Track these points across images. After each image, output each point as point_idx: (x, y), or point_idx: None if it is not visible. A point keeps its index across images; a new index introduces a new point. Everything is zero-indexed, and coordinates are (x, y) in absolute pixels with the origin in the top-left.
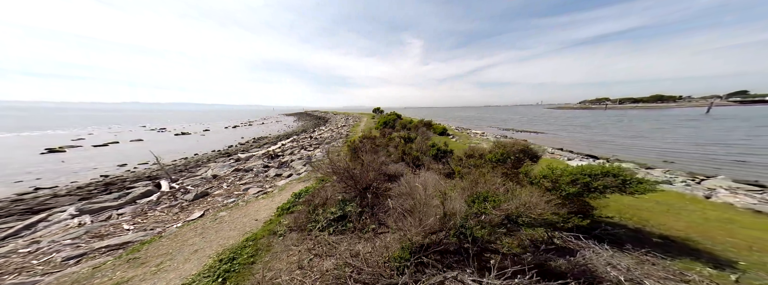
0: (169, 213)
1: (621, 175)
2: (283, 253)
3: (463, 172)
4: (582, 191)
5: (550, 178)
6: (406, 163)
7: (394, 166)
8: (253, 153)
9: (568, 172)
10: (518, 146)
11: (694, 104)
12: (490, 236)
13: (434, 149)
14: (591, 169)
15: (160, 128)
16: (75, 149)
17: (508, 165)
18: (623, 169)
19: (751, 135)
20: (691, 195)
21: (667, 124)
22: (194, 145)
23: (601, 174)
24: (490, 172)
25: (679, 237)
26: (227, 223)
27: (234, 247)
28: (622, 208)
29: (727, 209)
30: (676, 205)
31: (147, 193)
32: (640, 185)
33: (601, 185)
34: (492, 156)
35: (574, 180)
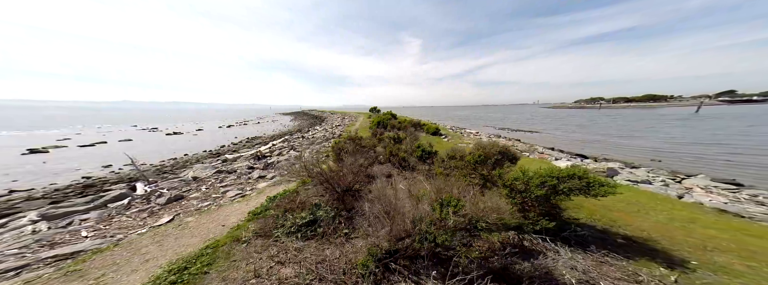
0: (137, 218)
1: (585, 178)
2: (242, 261)
3: (444, 173)
4: (549, 194)
5: (521, 181)
6: (394, 164)
7: (380, 168)
8: (243, 153)
9: (538, 174)
10: (497, 148)
11: (685, 104)
12: (451, 242)
13: (419, 150)
14: (559, 171)
15: (151, 128)
16: (59, 150)
17: (489, 167)
18: (588, 171)
19: (737, 134)
20: (665, 195)
21: (659, 123)
22: (185, 145)
23: (568, 176)
24: (467, 175)
25: (642, 237)
26: (191, 230)
27: (189, 255)
28: (594, 209)
29: (694, 209)
30: (646, 205)
31: (120, 196)
32: (602, 188)
33: (566, 188)
34: (471, 158)
35: (543, 183)
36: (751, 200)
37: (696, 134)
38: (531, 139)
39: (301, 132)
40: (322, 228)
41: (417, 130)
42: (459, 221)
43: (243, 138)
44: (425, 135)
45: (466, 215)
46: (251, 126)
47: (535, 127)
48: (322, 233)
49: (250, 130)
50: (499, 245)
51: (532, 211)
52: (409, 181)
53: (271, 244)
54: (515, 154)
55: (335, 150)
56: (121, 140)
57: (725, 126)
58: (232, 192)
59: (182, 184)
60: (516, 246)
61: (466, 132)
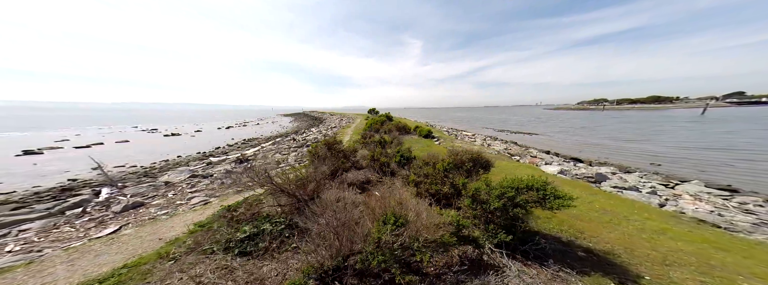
0: (81, 228)
1: (542, 190)
2: (159, 282)
3: (417, 181)
4: (507, 206)
5: (484, 191)
6: (374, 169)
7: (355, 174)
8: (230, 156)
9: (499, 185)
10: (468, 155)
11: (691, 105)
12: (390, 263)
13: (398, 156)
14: (519, 182)
15: (151, 129)
16: (54, 151)
17: (463, 174)
18: (547, 183)
19: (741, 137)
20: (646, 203)
21: (664, 126)
22: (181, 146)
23: (526, 188)
24: (438, 183)
25: (603, 250)
26: (122, 244)
27: (96, 278)
28: (565, 219)
29: (669, 219)
30: (621, 215)
31: (80, 202)
32: (557, 200)
33: (522, 200)
34: (441, 165)
35: (502, 194)
36: (739, 208)
37: (699, 137)
38: (529, 141)
39: (296, 134)
40: (265, 242)
41: (404, 133)
42: (391, 241)
43: (239, 139)
44: (418, 138)
45: (402, 234)
46: (250, 127)
47: (536, 130)
48: (266, 248)
49: (249, 131)
50: (457, 260)
51: (492, 224)
52: (387, 188)
53: (202, 261)
54: (488, 160)
55: (311, 155)
56: (118, 142)
57: (729, 129)
58: (198, 198)
59: (150, 190)
60: (474, 261)
61: (462, 134)
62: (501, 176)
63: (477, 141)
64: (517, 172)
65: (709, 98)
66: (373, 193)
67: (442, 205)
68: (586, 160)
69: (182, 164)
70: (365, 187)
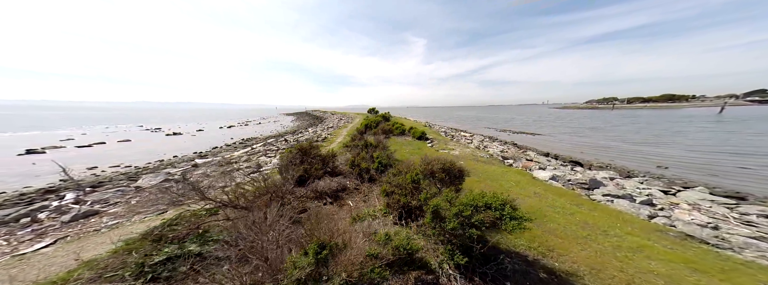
0: (14, 241)
1: (500, 210)
2: None
3: (388, 192)
4: (463, 225)
5: (443, 208)
6: (355, 175)
7: (329, 181)
8: (217, 158)
9: (459, 202)
10: (439, 164)
11: (708, 104)
12: None
13: (377, 162)
14: (479, 199)
15: (155, 128)
16: (57, 150)
17: (437, 184)
18: (506, 202)
19: (760, 138)
20: (633, 214)
21: (676, 126)
22: (181, 145)
23: (484, 206)
24: (407, 195)
25: (567, 271)
26: (27, 264)
27: None
28: (538, 235)
29: (652, 234)
30: (601, 229)
31: (41, 208)
32: (511, 222)
33: (478, 220)
34: (409, 176)
35: (459, 212)
36: (740, 219)
37: (712, 138)
38: (531, 142)
39: (292, 134)
40: (186, 266)
41: (398, 134)
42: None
43: (238, 139)
44: (411, 139)
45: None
46: (252, 126)
47: (541, 130)
48: (186, 273)
49: (249, 131)
50: (412, 283)
51: (450, 244)
52: (362, 197)
53: None
54: (462, 169)
55: (282, 161)
56: (120, 141)
57: (747, 129)
58: (161, 206)
59: (117, 195)
60: (430, 284)
61: (460, 135)
62: (484, 184)
63: (473, 142)
64: (503, 179)
65: (728, 96)
66: (346, 202)
67: (412, 218)
68: (586, 164)
69: (178, 163)
70: (339, 195)
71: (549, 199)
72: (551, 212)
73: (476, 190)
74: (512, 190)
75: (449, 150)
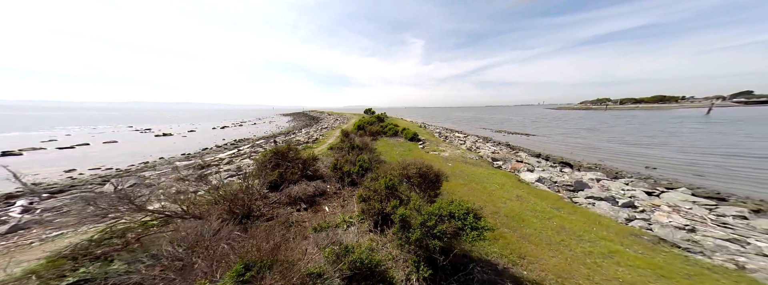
0: None
1: (461, 220)
2: None
3: (366, 196)
4: (424, 237)
5: (410, 217)
6: (337, 179)
7: (304, 186)
8: (205, 158)
9: (426, 211)
10: (415, 168)
11: (697, 105)
12: None
13: (357, 166)
14: (445, 208)
15: (145, 128)
16: (36, 152)
17: (414, 189)
18: (470, 211)
19: (744, 139)
20: (612, 217)
21: (666, 126)
22: (168, 147)
23: (448, 215)
24: (382, 201)
25: (534, 280)
26: None
27: None
28: (512, 241)
29: (627, 237)
30: (576, 234)
31: None
32: (473, 232)
33: (440, 231)
34: (383, 181)
35: (423, 222)
36: (716, 222)
37: (700, 139)
38: (525, 143)
39: (285, 135)
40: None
41: (374, 139)
42: None
43: (230, 140)
44: (403, 141)
45: None
46: (246, 127)
47: (537, 131)
48: None
49: (243, 131)
50: None
51: (416, 255)
52: (342, 202)
53: None
54: (439, 174)
55: (257, 166)
56: (105, 142)
57: (732, 130)
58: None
59: (75, 202)
60: None
61: (454, 136)
62: (469, 187)
63: (466, 143)
64: (488, 182)
65: (716, 98)
66: (323, 207)
67: (389, 225)
68: (576, 165)
69: (160, 165)
70: (316, 200)
71: (530, 203)
72: (530, 216)
73: (460, 192)
74: (496, 193)
75: (440, 151)
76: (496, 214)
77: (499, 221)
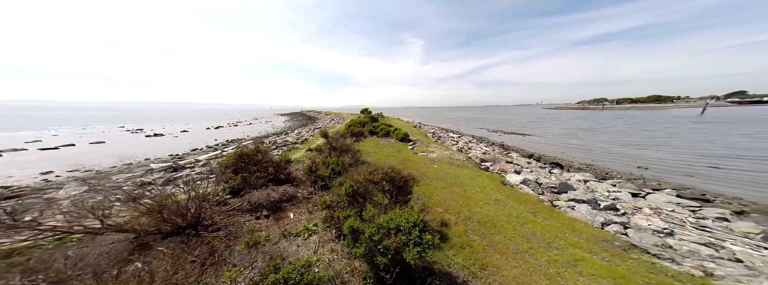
0: None
1: (406, 234)
2: None
3: (330, 203)
4: (369, 252)
5: (357, 229)
6: (311, 182)
7: (268, 191)
8: (177, 162)
9: (376, 223)
10: (381, 173)
11: (692, 105)
12: None
13: (329, 169)
14: (395, 221)
15: (136, 129)
16: (16, 153)
17: (386, 195)
18: (420, 223)
19: (738, 139)
20: (588, 222)
21: (664, 127)
22: (157, 148)
23: (395, 229)
24: (346, 209)
25: None
26: None
27: None
28: (479, 249)
29: (598, 244)
30: (546, 241)
31: None
32: (414, 248)
33: (384, 247)
34: (346, 188)
35: (370, 236)
36: (695, 225)
37: (694, 139)
38: (520, 143)
39: (277, 135)
40: None
41: (357, 140)
42: None
43: (223, 140)
44: (393, 141)
45: None
46: (241, 127)
47: (534, 131)
48: None
49: (237, 131)
50: None
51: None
52: (311, 208)
53: None
54: (406, 179)
55: (219, 170)
56: (92, 142)
57: (726, 131)
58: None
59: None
60: None
61: (448, 136)
62: (449, 190)
63: (459, 144)
64: (470, 184)
65: (710, 97)
66: (287, 214)
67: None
68: (567, 165)
69: (144, 166)
70: (281, 206)
71: (507, 207)
72: (504, 222)
73: (438, 196)
74: (474, 197)
75: (428, 153)
76: (469, 219)
77: (471, 228)
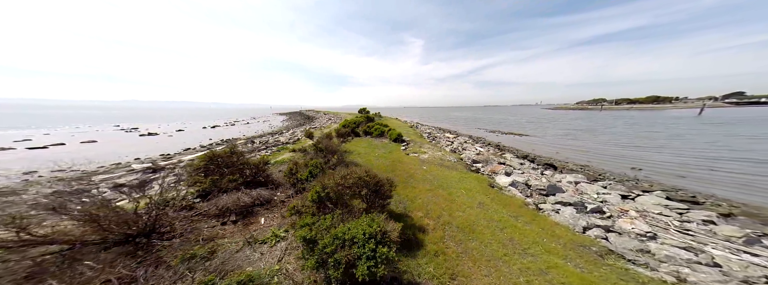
0: None
1: (360, 247)
2: None
3: (300, 209)
4: (320, 265)
5: (311, 239)
6: (290, 185)
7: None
8: (156, 163)
9: (333, 232)
10: (352, 178)
11: (690, 105)
12: None
13: (306, 171)
14: (353, 229)
15: (131, 128)
16: (4, 152)
17: (364, 200)
18: (376, 233)
19: (735, 140)
20: (569, 226)
21: (662, 128)
22: (150, 147)
23: (350, 240)
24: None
25: None
26: None
27: None
28: (452, 257)
29: (574, 249)
30: (522, 247)
31: None
32: (367, 263)
33: (334, 260)
34: (312, 194)
35: (323, 247)
36: (680, 228)
37: (689, 140)
38: (516, 143)
39: (271, 135)
40: None
41: (343, 141)
42: None
43: (217, 140)
44: (387, 142)
45: None
46: (238, 126)
47: (532, 131)
48: None
49: (233, 131)
50: None
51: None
52: (284, 213)
53: None
54: (380, 183)
55: (188, 174)
56: (83, 142)
57: (723, 131)
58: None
59: None
60: None
61: (444, 136)
62: (434, 193)
63: (453, 144)
64: (456, 187)
65: (708, 98)
66: (258, 219)
67: None
68: (560, 166)
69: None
70: (253, 211)
71: (490, 211)
72: (483, 227)
73: (421, 199)
74: (458, 200)
75: (420, 153)
76: (448, 225)
77: (449, 233)
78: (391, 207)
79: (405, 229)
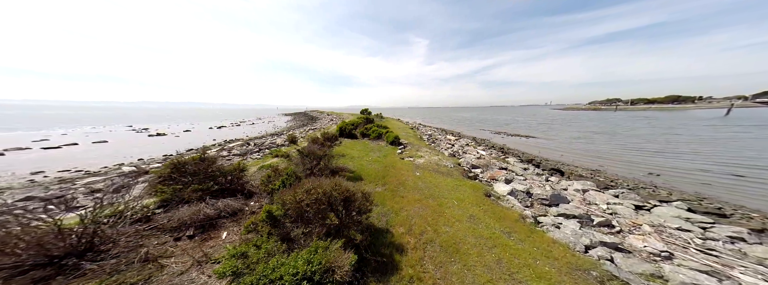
0: None
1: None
2: None
3: (255, 223)
4: None
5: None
6: (267, 194)
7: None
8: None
9: (257, 271)
10: (316, 193)
11: (715, 105)
12: None
13: (279, 181)
14: (284, 269)
15: (142, 128)
16: (21, 152)
17: (339, 213)
18: (313, 274)
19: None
20: (569, 244)
21: (684, 129)
22: (157, 147)
23: (278, 280)
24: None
25: None
26: None
27: None
28: (436, 282)
29: (570, 274)
30: (511, 270)
31: None
32: None
33: None
34: (263, 212)
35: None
36: (703, 246)
37: (712, 142)
38: (523, 146)
39: (272, 136)
40: None
41: (329, 145)
42: None
43: (220, 140)
44: (383, 144)
45: None
46: (244, 127)
47: (545, 134)
48: None
49: (238, 131)
50: None
51: None
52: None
53: None
54: (348, 198)
55: (155, 182)
56: (95, 142)
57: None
58: None
59: None
60: None
61: (445, 138)
62: (423, 203)
63: (454, 147)
64: (449, 196)
65: (736, 98)
66: (220, 234)
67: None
68: (568, 172)
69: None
70: (216, 223)
71: (481, 225)
72: (470, 246)
73: (408, 211)
74: (448, 212)
75: (416, 158)
76: (430, 243)
77: (429, 254)
78: (372, 220)
79: (382, 248)
